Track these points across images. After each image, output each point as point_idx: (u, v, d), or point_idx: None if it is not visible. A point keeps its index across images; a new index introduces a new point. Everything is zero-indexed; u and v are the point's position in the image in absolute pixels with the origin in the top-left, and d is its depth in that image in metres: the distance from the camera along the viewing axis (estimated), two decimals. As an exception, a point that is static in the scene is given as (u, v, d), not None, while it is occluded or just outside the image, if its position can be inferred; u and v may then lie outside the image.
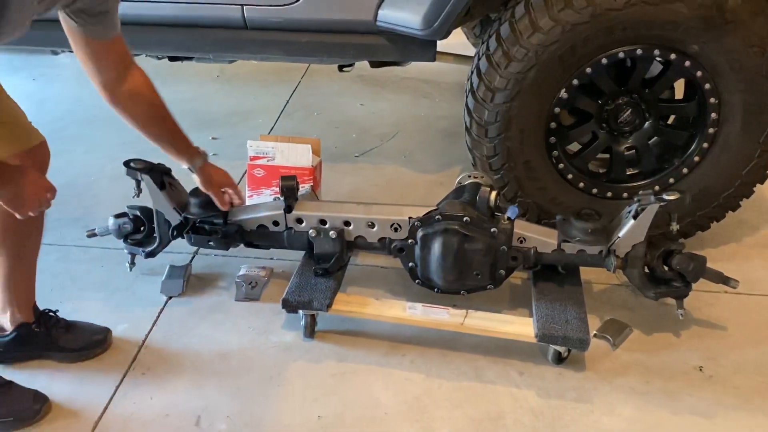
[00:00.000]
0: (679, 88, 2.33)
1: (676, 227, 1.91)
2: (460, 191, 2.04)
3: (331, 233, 2.00)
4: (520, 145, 2.17)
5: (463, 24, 2.92)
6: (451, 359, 1.93)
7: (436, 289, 2.01)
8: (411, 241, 1.95)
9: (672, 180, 2.23)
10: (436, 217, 1.90)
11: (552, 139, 2.19)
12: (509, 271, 1.96)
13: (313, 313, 1.96)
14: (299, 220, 2.04)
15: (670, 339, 2.00)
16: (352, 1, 2.24)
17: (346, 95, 3.64)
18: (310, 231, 2.01)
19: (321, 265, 2.01)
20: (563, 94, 2.10)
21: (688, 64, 2.03)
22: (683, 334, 2.02)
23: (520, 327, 1.88)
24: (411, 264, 1.99)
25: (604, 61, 2.05)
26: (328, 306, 1.93)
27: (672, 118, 2.33)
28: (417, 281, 2.02)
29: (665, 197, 1.82)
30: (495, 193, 1.89)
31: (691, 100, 2.18)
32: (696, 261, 1.88)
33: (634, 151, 2.27)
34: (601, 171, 2.34)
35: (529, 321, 1.89)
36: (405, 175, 2.92)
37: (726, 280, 1.92)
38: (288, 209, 2.03)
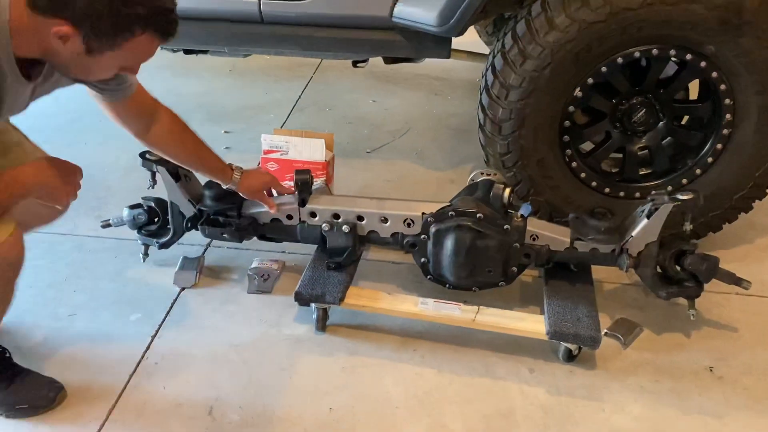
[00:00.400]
0: (692, 89, 2.33)
1: (689, 227, 1.91)
2: (473, 188, 2.05)
3: (344, 227, 2.01)
4: (534, 143, 2.17)
5: (478, 22, 2.92)
6: (462, 355, 1.94)
7: (447, 285, 2.02)
8: (424, 236, 1.96)
9: (685, 181, 2.24)
10: (450, 213, 1.91)
11: (565, 138, 2.19)
12: (521, 268, 1.96)
13: (325, 306, 1.97)
14: (313, 214, 2.05)
15: (681, 339, 2.01)
16: (368, -4, 2.24)
17: (358, 91, 3.64)
18: (324, 225, 2.02)
19: (334, 259, 2.02)
20: (578, 92, 2.11)
21: (703, 64, 2.03)
22: (694, 334, 2.02)
23: (531, 324, 1.88)
24: (423, 259, 2.00)
25: (620, 60, 2.05)
26: (341, 300, 1.94)
27: (686, 119, 2.32)
28: (429, 277, 2.02)
29: (679, 197, 1.82)
30: (509, 190, 1.89)
31: (705, 101, 2.18)
32: (708, 261, 1.88)
33: (647, 151, 2.27)
34: (613, 170, 2.34)
35: (540, 318, 1.90)
36: (416, 171, 2.92)
37: (738, 281, 1.92)
38: (302, 203, 2.04)
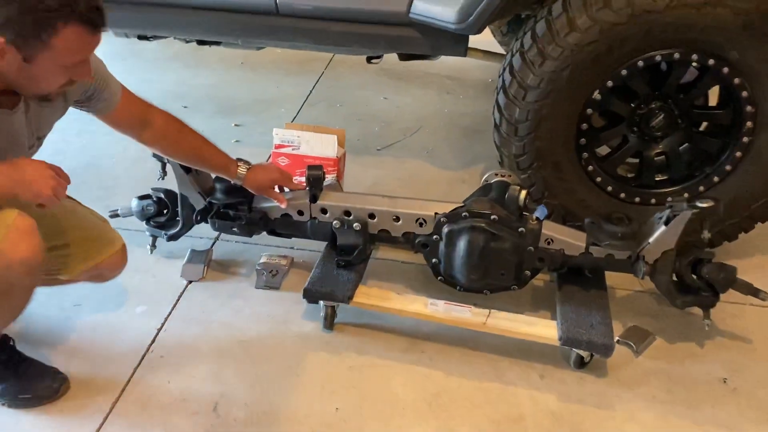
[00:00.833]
0: (712, 94, 2.29)
1: (708, 236, 1.88)
2: (486, 189, 2.02)
3: (355, 225, 1.98)
4: (550, 145, 2.14)
5: (497, 20, 2.88)
6: (472, 358, 1.91)
7: (458, 287, 1.99)
8: (436, 236, 1.93)
9: (702, 188, 2.20)
10: (463, 213, 1.88)
11: (582, 141, 2.15)
12: (535, 272, 1.93)
13: (334, 304, 1.94)
14: (323, 211, 2.02)
15: (694, 349, 1.97)
16: (386, -9, 2.21)
17: (370, 88, 3.61)
18: (334, 222, 2.00)
19: (343, 257, 1.99)
20: (596, 95, 2.07)
21: (726, 70, 1.99)
22: (707, 344, 1.99)
23: (543, 329, 1.85)
24: (434, 260, 1.97)
25: (641, 63, 2.01)
26: (349, 298, 1.91)
27: (705, 125, 2.29)
28: (439, 278, 2.00)
29: (698, 204, 1.79)
30: (524, 192, 1.86)
31: (726, 108, 2.14)
32: (726, 271, 1.85)
33: (664, 156, 2.23)
34: (629, 175, 2.30)
35: (552, 324, 1.87)
36: (427, 170, 2.89)
37: (755, 292, 1.88)
38: (313, 199, 2.01)
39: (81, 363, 1.82)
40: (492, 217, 1.85)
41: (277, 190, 2.05)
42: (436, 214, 1.92)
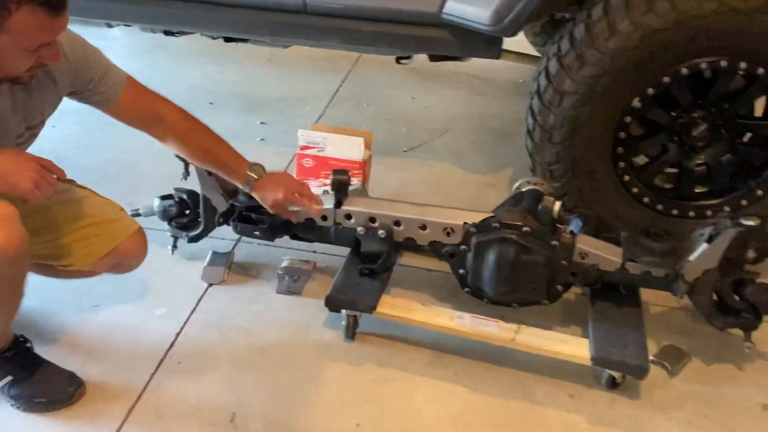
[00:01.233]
0: (757, 104, 2.19)
1: (753, 255, 1.78)
2: (518, 198, 1.94)
3: (380, 232, 1.92)
4: (586, 153, 2.06)
5: (532, 22, 2.79)
6: (498, 375, 1.84)
7: (485, 300, 1.91)
8: (464, 247, 1.86)
9: (744, 202, 2.10)
10: (494, 224, 1.80)
11: (619, 150, 2.07)
12: (567, 287, 1.85)
13: (356, 314, 1.88)
14: (348, 216, 1.96)
15: (732, 371, 1.88)
16: (418, -10, 2.14)
17: (397, 87, 3.54)
18: (359, 228, 1.93)
19: (367, 265, 1.93)
20: (636, 102, 1.98)
21: (776, 80, 1.90)
22: (747, 367, 1.89)
23: (574, 347, 1.77)
24: (461, 271, 1.90)
25: (684, 71, 1.92)
26: (373, 308, 1.85)
27: (749, 136, 2.18)
28: (466, 289, 1.92)
29: (744, 222, 1.69)
30: (559, 204, 1.78)
31: (773, 118, 2.04)
32: (770, 293, 1.75)
33: (704, 167, 2.13)
34: (667, 186, 2.21)
35: (584, 342, 1.79)
36: (455, 173, 2.82)
37: (801, 315, 1.79)
38: (337, 204, 1.95)
39: (98, 366, 1.79)
40: (524, 228, 1.77)
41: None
42: (465, 223, 1.85)
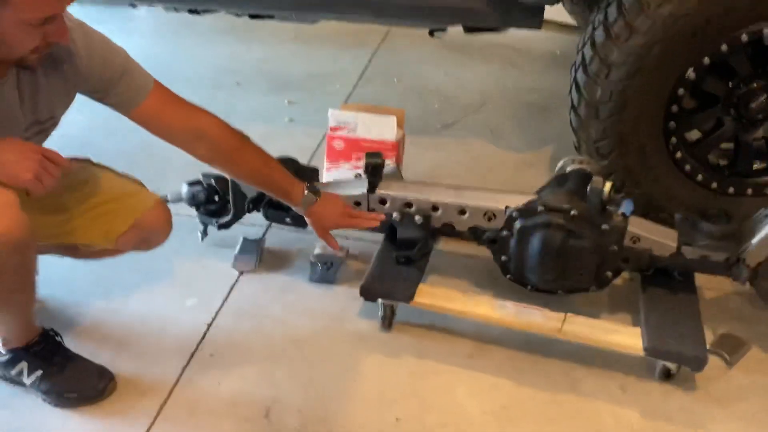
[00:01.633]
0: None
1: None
2: (562, 179, 1.82)
3: (416, 218, 1.82)
4: (635, 128, 1.93)
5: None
6: (544, 366, 1.74)
7: (529, 287, 1.81)
8: (506, 232, 1.76)
9: (808, 178, 1.95)
10: (538, 208, 1.69)
11: (671, 125, 1.93)
12: (617, 273, 1.74)
13: (393, 303, 1.80)
14: (382, 201, 1.87)
15: (796, 361, 1.76)
16: (454, -40, 2.02)
17: (429, 62, 3.41)
18: (394, 214, 1.84)
19: (403, 252, 1.84)
20: (690, 74, 1.84)
21: None
22: (812, 356, 1.77)
23: (626, 337, 1.67)
24: (504, 258, 1.79)
25: (744, 37, 1.78)
26: (410, 298, 1.76)
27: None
28: (508, 276, 1.83)
29: (813, 202, 1.56)
30: (609, 185, 1.66)
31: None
32: (841, 277, 1.62)
33: (763, 141, 1.99)
34: (721, 163, 2.07)
35: (636, 331, 1.68)
36: (491, 152, 2.70)
37: None
38: (371, 189, 1.86)
39: (128, 360, 1.74)
40: (571, 212, 1.66)
41: None
42: (506, 207, 1.74)
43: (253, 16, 2.46)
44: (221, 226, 2.04)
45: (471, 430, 1.59)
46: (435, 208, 1.82)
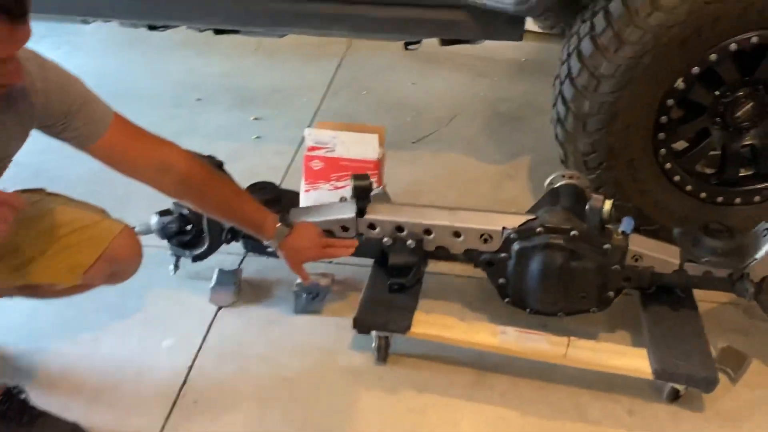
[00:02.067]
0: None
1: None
2: (554, 195, 1.77)
3: (409, 242, 1.73)
4: (625, 141, 1.88)
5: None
6: (548, 393, 1.67)
7: (528, 310, 1.74)
8: (504, 254, 1.68)
9: (795, 185, 1.95)
10: (537, 228, 1.62)
11: (661, 135, 1.89)
12: (618, 292, 1.69)
13: (388, 335, 1.70)
14: (372, 226, 1.77)
15: (797, 373, 1.74)
16: (432, -30, 1.94)
17: (396, 72, 3.33)
18: (385, 239, 1.75)
19: (396, 279, 1.75)
20: (680, 83, 1.81)
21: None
22: (814, 367, 1.75)
23: (633, 360, 1.61)
24: (501, 280, 1.72)
25: (733, 46, 1.75)
26: (407, 328, 1.67)
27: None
28: (506, 300, 1.75)
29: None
30: (609, 203, 1.60)
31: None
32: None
33: (749, 149, 1.97)
34: (707, 172, 2.05)
35: (642, 353, 1.62)
36: (469, 164, 2.63)
37: None
38: (360, 213, 1.76)
39: (103, 412, 1.59)
40: (572, 232, 1.60)
41: None
42: (504, 229, 1.67)
43: (218, 32, 2.33)
44: (196, 258, 1.91)
45: (481, 468, 1.51)
46: (428, 232, 1.74)
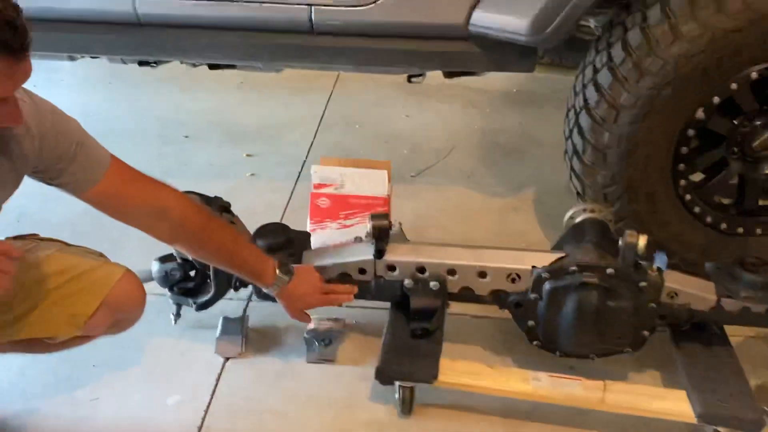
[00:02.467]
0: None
1: None
2: (579, 231, 1.70)
3: (431, 284, 1.64)
4: (644, 173, 1.84)
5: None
6: (585, 440, 1.58)
7: (558, 353, 1.66)
8: (534, 295, 1.60)
9: (816, 214, 1.91)
10: (571, 267, 1.55)
11: (681, 167, 1.85)
12: (652, 331, 1.62)
13: (413, 385, 1.59)
14: (391, 268, 1.67)
15: (835, 408, 1.68)
16: (441, 1, 1.88)
17: (388, 105, 3.27)
18: (406, 281, 1.65)
19: (420, 324, 1.65)
20: (700, 113, 1.77)
21: None
22: None
23: (674, 404, 1.53)
24: (531, 323, 1.64)
25: (754, 75, 1.72)
26: (434, 377, 1.57)
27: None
28: (535, 342, 1.66)
29: None
30: (645, 239, 1.54)
31: None
32: None
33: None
34: (725, 202, 2.01)
35: (682, 395, 1.54)
36: (472, 198, 2.56)
37: None
38: (378, 254, 1.66)
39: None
40: (607, 270, 1.52)
41: None
42: (533, 268, 1.59)
43: (212, 67, 2.24)
44: (200, 307, 1.78)
45: None
46: (452, 272, 1.65)
